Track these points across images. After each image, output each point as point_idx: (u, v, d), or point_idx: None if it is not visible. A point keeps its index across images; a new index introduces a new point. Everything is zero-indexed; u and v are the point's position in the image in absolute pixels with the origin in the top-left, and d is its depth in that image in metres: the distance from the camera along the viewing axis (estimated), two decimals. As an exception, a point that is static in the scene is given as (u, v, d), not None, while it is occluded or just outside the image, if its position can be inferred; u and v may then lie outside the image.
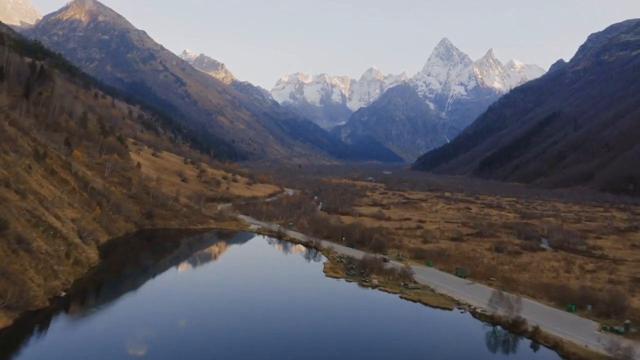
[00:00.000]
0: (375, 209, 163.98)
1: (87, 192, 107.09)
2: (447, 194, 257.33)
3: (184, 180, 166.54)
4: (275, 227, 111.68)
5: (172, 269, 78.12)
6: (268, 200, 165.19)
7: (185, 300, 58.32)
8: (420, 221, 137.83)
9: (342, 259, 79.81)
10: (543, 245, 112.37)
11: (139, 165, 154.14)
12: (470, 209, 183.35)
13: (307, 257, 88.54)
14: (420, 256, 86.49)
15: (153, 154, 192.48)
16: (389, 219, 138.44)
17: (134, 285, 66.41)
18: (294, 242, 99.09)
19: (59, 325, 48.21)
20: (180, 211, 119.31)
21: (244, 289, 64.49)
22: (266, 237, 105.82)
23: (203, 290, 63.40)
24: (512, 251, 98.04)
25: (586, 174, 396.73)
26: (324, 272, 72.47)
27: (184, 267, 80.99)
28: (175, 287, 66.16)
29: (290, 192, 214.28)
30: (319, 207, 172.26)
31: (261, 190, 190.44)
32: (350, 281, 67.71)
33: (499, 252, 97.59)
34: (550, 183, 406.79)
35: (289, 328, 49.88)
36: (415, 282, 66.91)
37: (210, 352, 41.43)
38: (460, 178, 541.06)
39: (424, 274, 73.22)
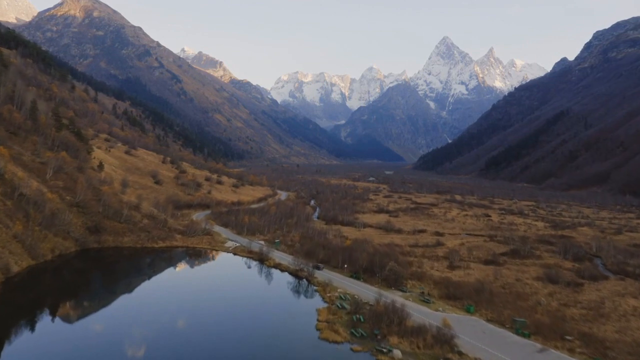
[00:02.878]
0: (381, 217, 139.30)
1: (13, 200, 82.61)
2: (457, 197, 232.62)
3: (157, 182, 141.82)
4: (257, 244, 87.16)
5: (91, 321, 53.21)
6: (254, 206, 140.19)
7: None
8: (438, 234, 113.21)
9: (344, 304, 55.09)
10: (600, 268, 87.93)
11: (100, 165, 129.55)
12: (490, 217, 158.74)
13: (296, 294, 63.84)
14: (452, 294, 61.80)
15: (126, 152, 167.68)
16: (399, 230, 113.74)
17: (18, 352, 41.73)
18: (280, 268, 74.22)
19: None
20: (139, 223, 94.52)
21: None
22: (245, 259, 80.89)
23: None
24: (570, 282, 73.39)
25: (601, 174, 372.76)
26: (318, 329, 47.74)
27: (113, 316, 56.00)
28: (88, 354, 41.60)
29: (283, 195, 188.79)
30: (315, 214, 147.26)
31: (249, 194, 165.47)
32: (358, 350, 42.96)
33: (552, 282, 73.08)
34: (563, 184, 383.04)
35: None
36: (460, 353, 42.23)
37: None
38: (465, 178, 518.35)
39: (467, 330, 48.61)
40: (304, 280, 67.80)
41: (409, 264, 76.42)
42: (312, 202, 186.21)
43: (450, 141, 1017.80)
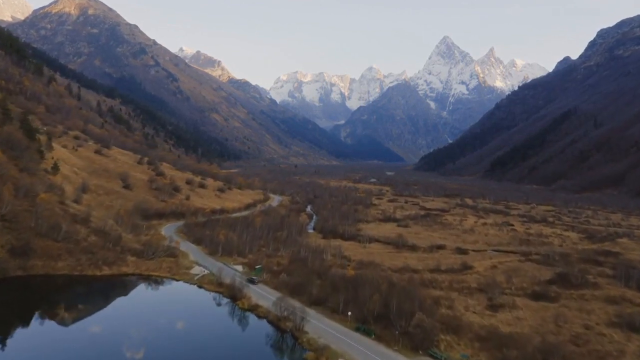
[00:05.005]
0: (389, 228, 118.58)
1: None
2: (469, 201, 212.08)
3: (126, 186, 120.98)
4: (233, 270, 66.49)
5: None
6: (239, 214, 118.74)
7: None
8: (460, 251, 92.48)
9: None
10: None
11: (55, 166, 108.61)
12: (513, 225, 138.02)
13: None
14: (509, 361, 40.93)
15: (97, 152, 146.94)
16: (413, 247, 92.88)
17: None
18: (257, 313, 52.98)
19: None
20: (83, 242, 73.65)
21: None
22: (213, 294, 59.84)
23: None
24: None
25: (616, 175, 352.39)
26: None
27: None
28: None
29: (276, 200, 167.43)
30: (311, 225, 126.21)
31: (235, 200, 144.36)
32: None
33: (634, 330, 52.65)
34: (575, 186, 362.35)
35: None
36: None
37: None
38: (470, 179, 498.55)
39: None
40: (289, 334, 46.88)
41: (434, 301, 55.58)
42: (309, 208, 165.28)
43: (451, 141, 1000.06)
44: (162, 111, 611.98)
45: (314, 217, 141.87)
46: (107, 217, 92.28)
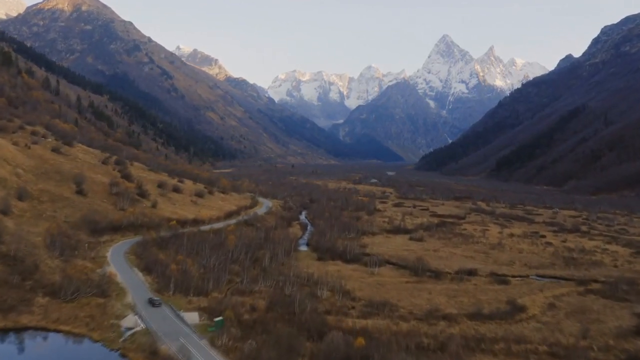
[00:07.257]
0: (399, 242, 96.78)
1: None
2: (482, 205, 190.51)
3: (79, 191, 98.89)
4: (178, 325, 44.75)
5: None
6: (212, 226, 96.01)
7: None
8: (498, 278, 70.64)
9: None
10: None
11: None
12: (545, 237, 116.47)
13: None
14: None
15: (55, 149, 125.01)
16: (437, 274, 70.92)
17: None
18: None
19: None
20: (-25, 276, 51.67)
21: None
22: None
23: None
24: None
25: (631, 176, 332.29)
26: None
27: None
28: None
29: (264, 206, 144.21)
30: (305, 238, 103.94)
31: (215, 206, 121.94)
32: None
33: None
34: (589, 187, 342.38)
35: None
36: None
37: None
38: (474, 179, 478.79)
39: None
40: None
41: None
42: (303, 215, 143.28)
43: (451, 141, 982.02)
44: (155, 109, 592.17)
45: (309, 227, 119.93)
46: (36, 234, 70.45)
